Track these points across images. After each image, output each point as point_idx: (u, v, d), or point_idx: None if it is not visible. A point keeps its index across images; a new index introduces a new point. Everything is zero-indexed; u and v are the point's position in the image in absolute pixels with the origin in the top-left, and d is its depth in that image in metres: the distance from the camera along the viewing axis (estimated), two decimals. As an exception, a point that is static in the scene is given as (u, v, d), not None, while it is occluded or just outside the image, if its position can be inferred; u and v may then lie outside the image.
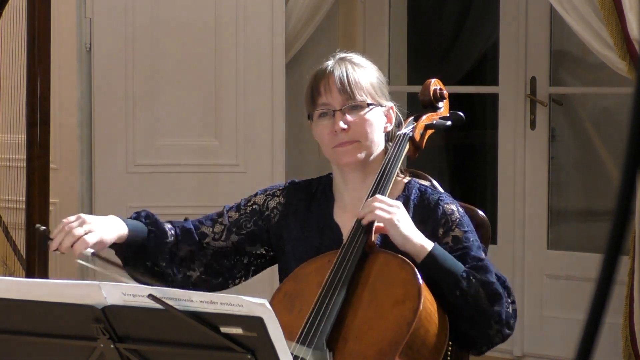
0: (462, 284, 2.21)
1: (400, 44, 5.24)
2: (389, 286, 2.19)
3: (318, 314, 2.15)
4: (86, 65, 4.51)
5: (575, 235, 5.11)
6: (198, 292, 1.71)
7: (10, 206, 3.87)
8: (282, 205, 2.48)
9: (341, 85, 2.35)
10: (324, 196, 2.47)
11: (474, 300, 2.21)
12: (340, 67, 2.38)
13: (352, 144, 2.36)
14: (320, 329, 2.13)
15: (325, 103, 2.37)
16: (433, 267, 2.21)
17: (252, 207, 2.49)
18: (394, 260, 2.21)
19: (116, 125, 4.51)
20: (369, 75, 2.40)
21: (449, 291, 2.21)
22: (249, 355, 1.68)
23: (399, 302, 2.14)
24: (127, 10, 4.50)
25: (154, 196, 4.55)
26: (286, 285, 2.31)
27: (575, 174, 5.16)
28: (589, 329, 0.85)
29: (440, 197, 2.39)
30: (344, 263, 2.22)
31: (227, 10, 4.52)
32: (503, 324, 2.23)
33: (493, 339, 2.25)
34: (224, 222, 2.49)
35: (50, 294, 1.77)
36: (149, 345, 1.76)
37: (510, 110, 4.87)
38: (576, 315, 4.57)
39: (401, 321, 2.11)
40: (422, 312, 2.11)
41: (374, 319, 2.15)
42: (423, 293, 2.13)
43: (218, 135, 4.55)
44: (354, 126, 2.35)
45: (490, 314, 2.22)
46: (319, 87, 2.38)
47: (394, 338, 2.10)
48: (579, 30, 4.15)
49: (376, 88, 2.40)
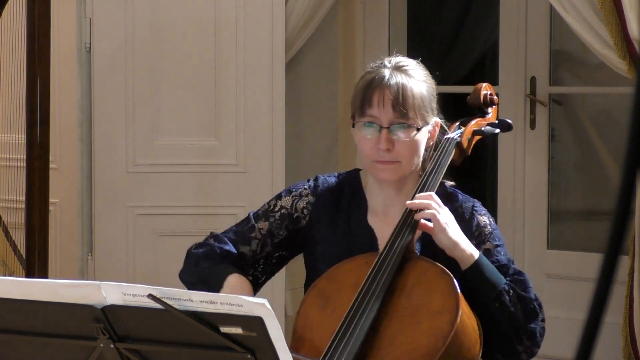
0: (504, 297, 2.19)
1: (400, 44, 5.24)
2: (427, 295, 2.14)
3: (354, 319, 2.11)
4: (86, 65, 4.51)
5: (575, 235, 5.11)
6: (198, 292, 1.71)
7: (10, 206, 3.87)
8: (311, 205, 2.40)
9: (395, 102, 2.26)
10: (354, 196, 2.41)
11: (511, 315, 2.19)
12: (396, 78, 2.28)
13: (393, 164, 2.29)
14: (355, 337, 2.08)
15: (374, 115, 2.28)
16: (477, 276, 2.18)
17: (281, 212, 2.41)
18: (433, 269, 2.17)
19: (116, 125, 4.51)
20: (422, 89, 2.31)
21: (488, 302, 2.18)
22: (248, 354, 1.68)
23: (437, 313, 2.10)
24: (127, 10, 4.50)
25: (154, 196, 4.54)
26: (320, 283, 2.25)
27: (575, 174, 5.16)
28: (588, 329, 0.85)
29: (475, 206, 2.37)
30: (383, 267, 2.17)
31: (227, 10, 4.52)
32: (535, 342, 2.22)
33: (521, 355, 2.24)
34: (257, 237, 2.40)
35: (50, 294, 1.77)
36: (149, 345, 1.76)
37: (510, 110, 4.86)
38: (576, 315, 4.57)
39: (437, 333, 2.07)
40: (459, 325, 2.07)
41: (410, 328, 2.11)
42: (461, 305, 2.09)
43: (218, 135, 4.55)
44: (399, 147, 2.28)
45: (524, 330, 2.21)
46: (372, 98, 2.28)
47: (428, 350, 2.06)
48: (579, 30, 4.15)
49: (427, 105, 2.31)
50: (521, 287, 2.22)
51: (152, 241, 4.54)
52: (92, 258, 4.54)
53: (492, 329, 2.19)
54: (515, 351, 2.23)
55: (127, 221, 4.54)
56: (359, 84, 2.34)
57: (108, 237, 4.54)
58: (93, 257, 4.54)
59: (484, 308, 2.18)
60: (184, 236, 4.55)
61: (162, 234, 4.54)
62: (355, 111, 2.33)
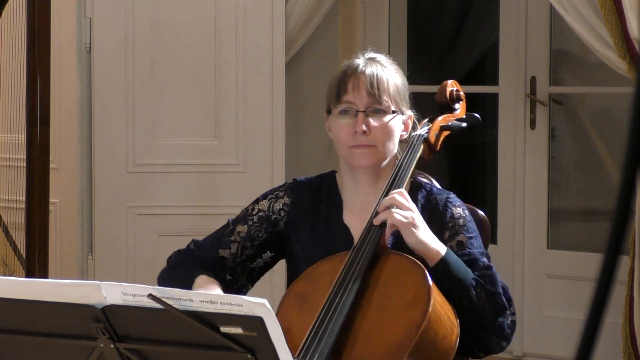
0: (471, 293, 2.21)
1: (400, 44, 5.24)
2: (399, 289, 2.17)
3: (327, 316, 2.13)
4: (86, 65, 4.51)
5: (575, 234, 5.11)
6: (198, 292, 1.71)
7: (10, 206, 3.87)
8: (288, 206, 2.45)
9: (370, 86, 2.33)
10: (331, 196, 2.45)
11: (479, 311, 2.21)
12: (370, 67, 2.36)
13: (369, 148, 2.33)
14: (328, 332, 2.11)
15: (350, 101, 2.34)
16: (444, 273, 2.20)
17: (259, 214, 2.45)
18: (405, 262, 2.20)
19: (116, 125, 4.51)
20: (395, 79, 2.38)
21: (455, 297, 2.20)
22: (248, 354, 1.68)
23: (409, 305, 2.13)
24: (127, 10, 4.50)
25: (154, 196, 4.54)
26: (297, 285, 2.29)
27: (575, 174, 5.16)
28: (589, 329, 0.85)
29: (449, 198, 2.39)
30: (354, 264, 2.20)
31: (227, 10, 4.52)
32: (503, 336, 2.24)
33: (491, 349, 2.26)
34: (237, 240, 2.43)
35: (50, 293, 1.77)
36: (149, 345, 1.76)
37: (510, 109, 4.87)
38: (576, 314, 4.57)
39: (410, 324, 2.10)
40: (431, 314, 2.09)
41: (383, 322, 2.14)
42: (433, 295, 2.11)
43: (218, 135, 4.55)
44: (375, 131, 2.33)
45: (492, 325, 2.22)
46: (347, 84, 2.35)
47: (402, 340, 2.09)
48: (579, 29, 4.15)
49: (401, 95, 2.38)
50: (489, 282, 2.24)
51: (152, 241, 4.54)
52: (92, 258, 4.54)
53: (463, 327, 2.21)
54: (484, 345, 2.25)
55: (127, 221, 4.54)
56: (333, 77, 2.42)
57: (108, 237, 4.54)
58: (93, 257, 4.54)
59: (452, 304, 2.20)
60: (184, 236, 4.52)
61: (162, 234, 4.54)
62: (331, 102, 2.39)
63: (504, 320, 2.23)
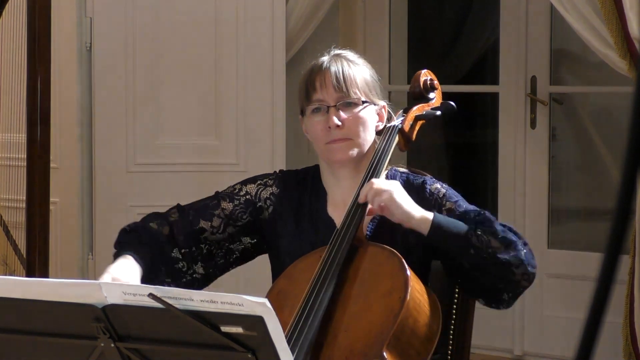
0: (473, 240, 2.20)
1: (400, 43, 5.24)
2: (377, 279, 2.19)
3: (304, 311, 2.15)
4: (86, 65, 4.51)
5: (576, 234, 5.11)
6: (198, 292, 1.71)
7: (10, 205, 3.87)
8: (275, 196, 2.46)
9: (337, 82, 2.36)
10: (314, 189, 2.46)
11: (489, 253, 2.20)
12: (336, 64, 2.39)
13: (345, 141, 2.36)
14: (308, 326, 2.13)
15: (319, 99, 2.37)
16: (440, 235, 2.20)
17: (246, 197, 2.46)
18: (382, 253, 2.22)
19: (116, 125, 4.51)
20: (363, 73, 2.41)
21: (463, 252, 2.20)
22: (249, 354, 1.68)
23: (387, 294, 2.15)
24: (128, 10, 4.50)
25: (154, 195, 4.54)
26: (279, 283, 2.31)
27: (576, 173, 5.16)
28: (589, 328, 0.85)
29: (425, 180, 2.41)
30: (332, 258, 2.22)
31: (228, 9, 4.52)
32: (525, 265, 2.22)
33: (520, 284, 2.24)
34: (220, 215, 2.45)
35: (50, 293, 1.77)
36: (149, 345, 1.76)
37: (511, 109, 4.87)
38: (576, 314, 4.57)
39: (388, 312, 2.11)
40: (409, 302, 2.11)
41: (362, 312, 2.16)
42: (411, 283, 2.13)
43: (218, 135, 4.55)
44: (348, 123, 2.35)
45: (509, 261, 2.21)
46: (315, 83, 2.38)
47: (380, 329, 2.10)
48: (580, 29, 4.15)
49: (370, 86, 2.41)
50: (486, 224, 2.24)
51: (152, 240, 4.54)
52: (93, 257, 4.54)
53: (481, 273, 2.22)
54: (512, 282, 2.23)
55: (127, 220, 4.49)
56: (301, 77, 2.44)
57: (108, 237, 4.52)
58: (93, 257, 4.54)
59: (464, 262, 2.21)
60: (184, 235, 4.55)
61: (162, 234, 4.53)
62: (303, 102, 2.41)
63: (517, 253, 2.22)
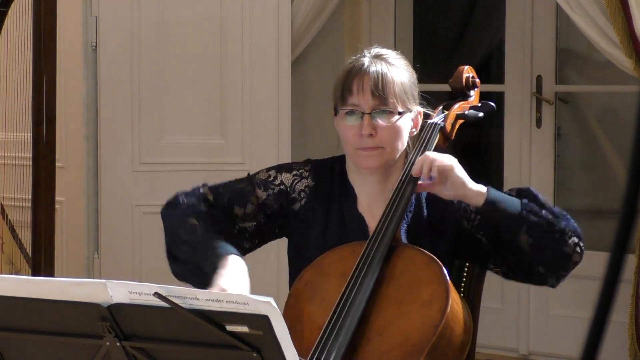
0: (527, 212, 2.19)
1: (406, 43, 5.23)
2: (416, 284, 2.15)
3: (343, 310, 2.11)
4: (92, 64, 4.51)
5: (581, 233, 5.09)
6: (204, 291, 1.71)
7: (16, 204, 3.87)
8: (309, 189, 2.39)
9: (374, 88, 2.28)
10: (343, 183, 2.40)
11: (547, 223, 2.20)
12: (375, 66, 2.30)
13: (376, 150, 2.29)
14: (345, 329, 2.08)
15: (355, 104, 2.30)
16: (494, 209, 2.19)
17: (280, 187, 2.40)
18: (421, 257, 2.17)
19: (122, 124, 4.51)
20: (402, 76, 2.33)
21: (517, 227, 2.19)
22: (254, 353, 1.68)
23: (426, 302, 2.10)
24: (133, 9, 4.50)
25: (160, 194, 4.52)
26: (308, 274, 2.25)
27: (581, 172, 5.16)
28: (595, 328, 0.85)
29: None
30: (370, 257, 2.17)
31: (233, 9, 4.52)
32: (579, 234, 2.24)
33: (576, 253, 2.24)
34: (254, 202, 2.39)
35: (56, 292, 1.77)
36: (155, 344, 1.76)
37: (516, 108, 4.86)
38: (582, 313, 4.56)
39: (428, 322, 2.08)
40: (449, 313, 2.07)
41: (399, 318, 2.11)
42: (451, 294, 2.09)
43: (224, 134, 4.55)
44: (381, 132, 2.29)
45: (563, 230, 2.20)
46: (352, 86, 2.30)
47: (420, 339, 2.07)
48: (585, 28, 4.14)
49: (408, 92, 2.33)
50: (535, 200, 2.23)
51: (158, 240, 4.52)
52: (98, 256, 4.55)
53: (538, 254, 2.20)
54: (568, 258, 2.23)
55: (133, 219, 4.54)
56: (339, 74, 2.36)
57: (114, 236, 4.55)
58: (99, 256, 4.55)
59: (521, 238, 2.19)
60: (189, 234, 4.55)
61: (168, 233, 4.53)
62: (337, 101, 2.34)
63: (569, 222, 2.23)
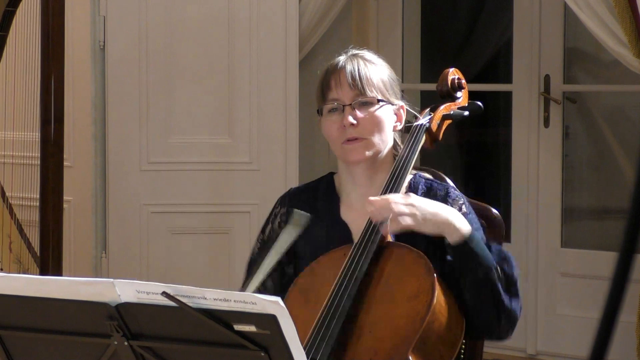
0: (494, 275, 2.18)
1: (413, 42, 5.23)
2: (403, 280, 2.17)
3: (330, 310, 2.14)
4: (100, 63, 4.52)
5: (589, 233, 5.09)
6: (211, 290, 1.71)
7: (24, 204, 3.88)
8: (284, 215, 2.43)
9: (352, 81, 2.33)
10: (327, 195, 2.44)
11: (498, 296, 2.19)
12: (352, 63, 2.36)
13: (361, 141, 2.32)
14: (332, 326, 2.12)
15: (335, 98, 2.35)
16: (468, 252, 2.18)
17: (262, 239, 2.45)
18: (408, 254, 2.20)
19: (130, 123, 4.52)
20: (380, 72, 2.38)
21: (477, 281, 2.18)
22: (262, 352, 1.68)
23: (413, 297, 2.13)
24: (141, 8, 4.50)
25: (168, 194, 4.55)
26: (301, 280, 2.29)
27: (589, 172, 5.15)
28: (603, 328, 0.84)
29: (448, 191, 2.36)
30: (357, 258, 2.20)
31: (241, 8, 4.52)
32: (513, 323, 2.23)
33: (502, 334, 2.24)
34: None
35: (64, 291, 1.77)
36: (162, 343, 1.76)
37: (524, 108, 4.86)
38: (590, 313, 4.56)
39: (414, 316, 2.10)
40: (435, 305, 2.10)
41: (387, 314, 2.14)
42: (437, 287, 2.11)
43: (231, 133, 4.55)
44: (363, 122, 2.32)
45: (506, 311, 2.20)
46: (330, 82, 2.36)
47: (406, 333, 2.09)
48: (593, 27, 4.14)
49: (387, 85, 2.38)
50: (508, 265, 2.23)
51: (165, 239, 4.55)
52: (106, 256, 4.55)
53: (475, 308, 2.20)
54: (495, 330, 2.23)
55: (140, 219, 4.55)
56: (318, 77, 2.41)
57: (122, 235, 4.55)
58: (107, 255, 4.55)
59: (470, 286, 2.19)
60: (197, 234, 4.56)
61: (175, 232, 4.54)
62: (319, 101, 2.39)
63: (516, 308, 2.22)
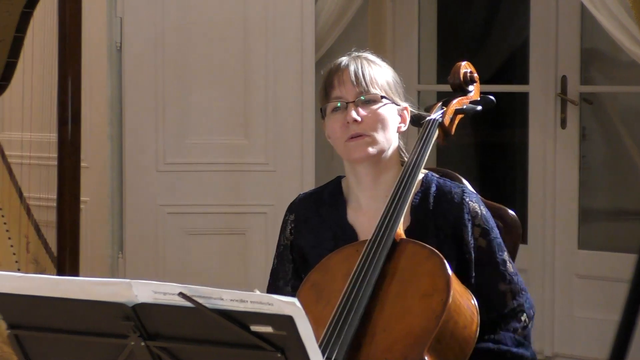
0: None
1: (430, 43, 5.22)
2: (417, 278, 2.16)
3: (345, 308, 2.13)
4: (116, 64, 4.53)
5: (606, 234, 5.08)
6: (228, 291, 1.70)
7: (41, 204, 3.89)
8: (293, 222, 2.44)
9: (355, 79, 2.33)
10: (333, 199, 2.43)
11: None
12: (355, 62, 2.36)
13: (364, 138, 2.31)
14: (348, 324, 2.10)
15: (338, 96, 2.35)
16: None
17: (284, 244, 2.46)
18: (422, 251, 2.18)
19: (146, 124, 4.53)
20: (384, 73, 2.38)
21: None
22: (278, 353, 1.68)
23: (428, 295, 2.12)
24: (157, 9, 4.51)
25: (184, 195, 4.56)
26: (313, 276, 2.27)
27: (606, 173, 5.13)
28: (622, 330, 0.84)
29: (464, 191, 2.34)
30: (372, 254, 2.18)
31: (257, 9, 4.53)
32: None
33: None
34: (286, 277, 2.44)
35: (81, 291, 1.77)
36: (179, 343, 1.76)
37: (541, 109, 4.84)
38: (607, 315, 4.54)
39: (430, 314, 2.09)
40: (451, 304, 2.08)
41: (402, 312, 2.13)
42: (452, 285, 2.10)
43: (247, 134, 4.56)
44: (367, 119, 2.31)
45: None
46: (333, 81, 2.36)
47: (422, 331, 2.08)
48: (610, 28, 4.13)
49: (391, 86, 2.37)
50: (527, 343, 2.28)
51: (182, 239, 4.56)
52: (123, 256, 4.56)
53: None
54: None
55: (157, 219, 4.56)
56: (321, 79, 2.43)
57: (138, 236, 4.56)
58: (123, 255, 4.56)
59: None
60: (213, 234, 4.56)
61: (191, 233, 4.55)
62: (322, 101, 2.41)
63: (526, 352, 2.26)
